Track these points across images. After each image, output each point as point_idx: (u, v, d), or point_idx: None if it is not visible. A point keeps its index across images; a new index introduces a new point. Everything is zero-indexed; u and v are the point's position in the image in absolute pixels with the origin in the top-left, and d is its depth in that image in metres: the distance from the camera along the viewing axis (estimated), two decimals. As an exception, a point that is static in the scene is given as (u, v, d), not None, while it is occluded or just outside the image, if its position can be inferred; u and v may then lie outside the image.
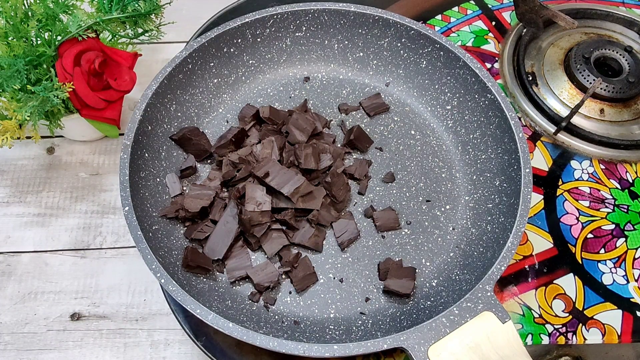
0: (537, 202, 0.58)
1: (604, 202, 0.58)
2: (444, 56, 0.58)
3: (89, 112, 0.63)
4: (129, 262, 0.64)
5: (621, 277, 0.54)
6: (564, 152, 0.62)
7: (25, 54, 0.58)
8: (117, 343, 0.61)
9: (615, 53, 0.66)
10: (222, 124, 0.60)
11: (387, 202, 0.56)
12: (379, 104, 0.61)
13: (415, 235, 0.54)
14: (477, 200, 0.55)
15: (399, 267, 0.51)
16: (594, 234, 0.56)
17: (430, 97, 0.61)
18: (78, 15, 0.59)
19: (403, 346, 0.41)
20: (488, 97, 0.55)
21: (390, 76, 0.63)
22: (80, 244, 0.65)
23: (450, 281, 0.50)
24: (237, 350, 0.50)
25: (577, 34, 0.71)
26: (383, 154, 0.59)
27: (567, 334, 0.51)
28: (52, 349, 0.61)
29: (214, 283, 0.50)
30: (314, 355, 0.41)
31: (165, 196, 0.53)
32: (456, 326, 0.42)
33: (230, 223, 0.51)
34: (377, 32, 0.61)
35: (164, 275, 0.43)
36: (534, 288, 0.53)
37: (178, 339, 0.62)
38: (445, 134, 0.60)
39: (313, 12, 0.59)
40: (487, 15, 0.73)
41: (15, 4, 0.57)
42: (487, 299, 0.43)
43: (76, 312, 0.62)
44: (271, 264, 0.50)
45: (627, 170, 0.60)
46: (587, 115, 0.63)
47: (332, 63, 0.64)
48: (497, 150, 0.55)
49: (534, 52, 0.69)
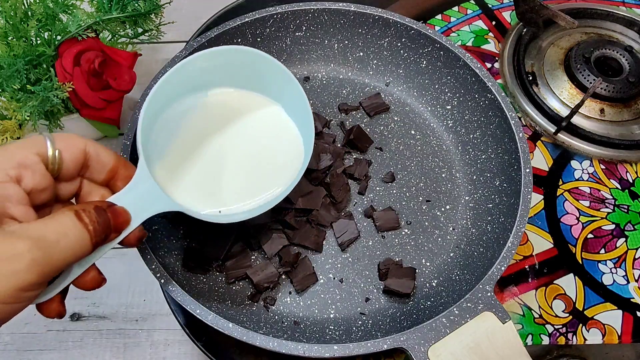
0: (537, 202, 0.58)
1: (604, 202, 0.58)
2: (444, 56, 0.58)
3: (88, 112, 0.63)
4: (129, 262, 0.64)
5: (621, 277, 0.54)
6: (564, 152, 0.61)
7: (25, 53, 0.57)
8: (117, 343, 0.61)
9: (616, 53, 0.66)
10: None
11: (387, 202, 0.56)
12: (379, 104, 0.61)
13: (415, 235, 0.54)
14: (477, 200, 0.55)
15: (399, 267, 0.50)
16: (594, 234, 0.56)
17: (430, 97, 0.61)
18: (78, 15, 0.59)
19: (403, 346, 0.41)
20: (488, 96, 0.55)
21: (390, 76, 0.63)
22: (80, 244, 0.65)
23: (451, 281, 0.50)
24: (237, 350, 0.50)
25: (577, 33, 0.71)
26: (383, 154, 0.59)
27: (567, 334, 0.51)
28: (52, 349, 0.61)
29: (214, 283, 0.50)
30: (314, 356, 0.41)
31: (165, 196, 0.53)
32: (456, 326, 0.42)
33: (231, 223, 0.51)
34: (377, 31, 0.60)
35: (164, 275, 0.43)
36: (534, 288, 0.53)
37: (178, 339, 0.62)
38: (445, 134, 0.60)
39: (313, 11, 0.59)
40: (487, 15, 0.73)
41: (15, 4, 0.57)
42: (487, 299, 0.43)
43: (76, 313, 0.62)
44: (271, 264, 0.50)
45: (628, 170, 0.60)
46: (587, 115, 0.63)
47: (332, 63, 0.64)
48: (497, 150, 0.54)
49: (534, 52, 0.69)
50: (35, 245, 0.29)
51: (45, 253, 0.29)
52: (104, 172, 0.37)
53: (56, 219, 0.31)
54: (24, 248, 0.28)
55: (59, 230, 0.30)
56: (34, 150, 0.33)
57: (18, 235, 0.29)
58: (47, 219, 0.31)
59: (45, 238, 0.29)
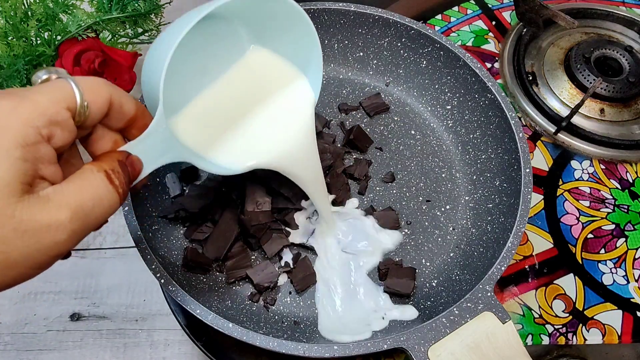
0: (537, 202, 0.58)
1: (604, 202, 0.58)
2: (444, 56, 0.58)
3: (88, 112, 0.63)
4: (128, 262, 0.64)
5: (621, 277, 0.54)
6: (564, 152, 0.61)
7: (25, 53, 0.58)
8: (117, 343, 0.61)
9: (616, 53, 0.66)
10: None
11: (387, 202, 0.56)
12: (379, 104, 0.61)
13: (415, 235, 0.54)
14: (477, 200, 0.55)
15: (399, 267, 0.50)
16: (594, 234, 0.56)
17: (430, 97, 0.61)
18: (78, 15, 0.59)
19: (403, 346, 0.41)
20: (488, 96, 0.55)
21: (390, 76, 0.63)
22: (80, 244, 0.65)
23: (450, 281, 0.50)
24: (237, 350, 0.50)
25: (577, 33, 0.71)
26: (383, 154, 0.59)
27: (567, 334, 0.51)
28: (52, 349, 0.61)
29: (214, 283, 0.50)
30: (314, 356, 0.41)
31: (165, 196, 0.53)
32: (456, 326, 0.42)
33: (230, 223, 0.51)
34: (377, 31, 0.60)
35: (164, 275, 0.43)
36: (534, 288, 0.53)
37: (178, 339, 0.62)
38: (445, 134, 0.60)
39: (313, 11, 0.59)
40: (487, 15, 0.73)
41: (15, 4, 0.57)
42: (487, 299, 0.43)
43: (76, 313, 0.62)
44: (271, 264, 0.50)
45: (628, 170, 0.60)
46: (587, 115, 0.63)
47: (332, 63, 0.64)
48: (497, 150, 0.54)
49: (534, 52, 0.69)
50: (75, 216, 0.28)
51: (83, 223, 0.29)
52: (123, 121, 0.35)
53: (90, 182, 0.30)
54: (65, 219, 0.28)
55: (95, 196, 0.30)
56: (64, 104, 0.30)
57: (57, 204, 0.28)
58: (79, 181, 0.30)
59: (83, 207, 0.29)
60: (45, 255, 0.28)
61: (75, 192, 0.29)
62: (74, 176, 0.30)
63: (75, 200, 0.29)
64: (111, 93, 0.33)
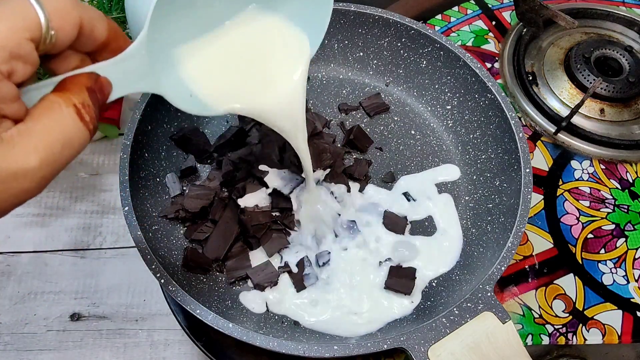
0: (537, 202, 0.58)
1: (604, 202, 0.58)
2: (444, 56, 0.58)
3: (88, 112, 0.63)
4: (128, 262, 0.64)
5: (621, 277, 0.54)
6: (564, 152, 0.61)
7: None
8: (117, 343, 0.61)
9: (616, 53, 0.66)
10: (222, 124, 0.60)
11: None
12: (379, 104, 0.61)
13: (415, 235, 0.54)
14: (477, 200, 0.55)
15: (399, 267, 0.50)
16: (594, 234, 0.56)
17: (430, 97, 0.61)
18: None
19: (403, 346, 0.41)
20: (488, 96, 0.55)
21: (390, 76, 0.63)
22: (80, 244, 0.65)
23: (450, 281, 0.50)
24: (237, 350, 0.50)
25: (577, 33, 0.71)
26: (383, 154, 0.59)
27: (567, 334, 0.51)
28: (52, 349, 0.61)
29: (214, 283, 0.50)
30: (314, 355, 0.41)
31: (165, 196, 0.53)
32: (456, 326, 0.42)
33: (230, 223, 0.51)
34: (377, 31, 0.60)
35: (164, 275, 0.43)
36: (534, 288, 0.53)
37: (178, 339, 0.62)
38: (445, 134, 0.60)
39: (313, 11, 0.59)
40: (487, 15, 0.73)
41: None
42: (487, 299, 0.43)
43: (76, 313, 0.62)
44: (271, 264, 0.50)
45: (628, 170, 0.60)
46: (587, 115, 0.63)
47: (332, 63, 0.64)
48: (497, 150, 0.55)
49: (534, 52, 0.69)
50: (44, 162, 0.26)
51: (53, 168, 0.27)
52: (93, 45, 0.32)
53: (58, 120, 0.27)
54: (34, 166, 0.26)
55: (65, 136, 0.27)
56: (27, 34, 0.26)
57: (24, 149, 0.25)
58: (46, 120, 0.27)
59: (53, 150, 0.26)
60: (12, 203, 0.26)
61: (43, 134, 0.26)
62: (39, 112, 0.27)
63: (43, 144, 0.26)
64: (81, 17, 0.29)
